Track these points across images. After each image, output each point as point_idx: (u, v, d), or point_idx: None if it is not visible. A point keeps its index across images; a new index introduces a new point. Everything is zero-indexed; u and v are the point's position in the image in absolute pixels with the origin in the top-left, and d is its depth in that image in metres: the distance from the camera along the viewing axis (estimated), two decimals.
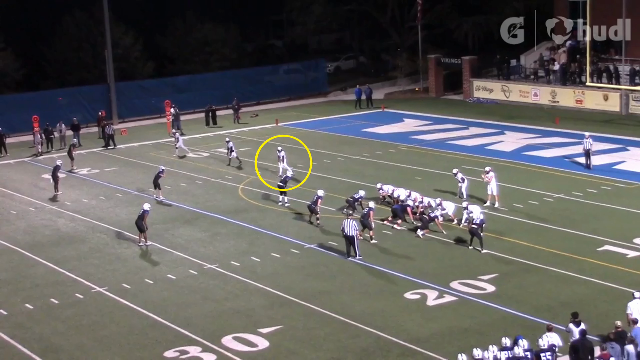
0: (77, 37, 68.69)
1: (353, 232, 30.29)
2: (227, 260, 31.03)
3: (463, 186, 37.05)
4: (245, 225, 35.35)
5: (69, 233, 35.63)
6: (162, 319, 26.12)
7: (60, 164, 42.27)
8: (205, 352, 23.79)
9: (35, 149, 51.77)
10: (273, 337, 24.47)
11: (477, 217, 31.59)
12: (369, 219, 32.18)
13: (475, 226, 31.13)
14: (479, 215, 31.70)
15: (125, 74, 66.30)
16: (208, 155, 48.32)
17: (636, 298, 22.50)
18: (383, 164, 44.64)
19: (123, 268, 30.98)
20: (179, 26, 73.66)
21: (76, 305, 27.68)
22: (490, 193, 36.41)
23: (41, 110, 55.71)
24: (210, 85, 65.45)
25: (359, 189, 36.52)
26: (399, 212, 34.01)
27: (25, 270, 31.33)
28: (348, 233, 30.34)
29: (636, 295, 22.59)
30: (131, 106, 62.58)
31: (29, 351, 24.38)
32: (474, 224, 31.30)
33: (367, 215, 32.26)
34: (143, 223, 33.03)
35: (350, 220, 30.53)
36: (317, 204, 34.72)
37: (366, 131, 54.22)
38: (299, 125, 57.35)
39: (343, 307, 26.33)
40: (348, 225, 30.32)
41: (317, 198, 34.86)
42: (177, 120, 56.20)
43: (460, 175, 37.43)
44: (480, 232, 31.00)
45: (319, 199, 34.79)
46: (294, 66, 72.70)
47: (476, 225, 31.14)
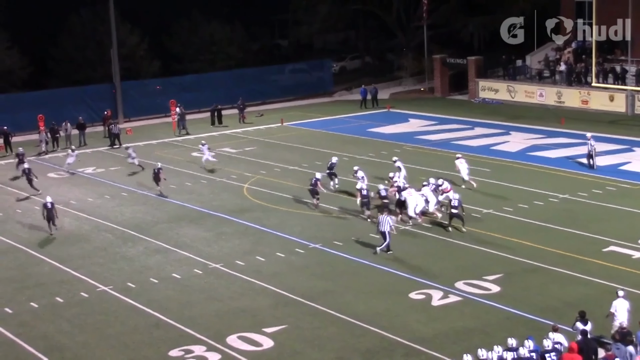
0: (83, 36, 68.82)
1: (387, 227, 30.76)
2: (232, 260, 31.03)
3: (401, 175, 37.40)
4: (250, 224, 35.36)
5: (74, 232, 35.65)
6: (166, 318, 26.14)
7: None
8: (210, 351, 23.79)
9: (40, 147, 51.81)
10: (278, 337, 24.47)
11: (453, 199, 33.00)
12: (317, 188, 36.37)
13: (455, 210, 32.70)
14: (454, 196, 33.13)
15: (130, 73, 66.34)
16: (213, 154, 48.29)
17: (620, 297, 22.60)
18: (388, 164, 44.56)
19: (128, 267, 31.01)
20: (184, 25, 73.75)
21: (81, 304, 27.71)
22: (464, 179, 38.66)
23: (47, 109, 55.81)
24: (215, 85, 65.47)
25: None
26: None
27: (30, 268, 31.37)
28: (382, 229, 30.78)
29: (620, 294, 22.71)
30: (137, 105, 62.63)
31: (33, 349, 24.40)
32: (453, 207, 32.69)
33: (315, 184, 36.33)
34: None
35: (386, 216, 31.11)
36: (317, 186, 36.54)
37: (371, 131, 54.21)
38: (304, 125, 57.35)
39: (348, 307, 26.32)
40: (383, 221, 30.80)
41: (315, 181, 36.70)
42: (182, 120, 56.20)
43: (398, 163, 38.57)
44: (461, 212, 32.80)
45: (317, 182, 36.67)
46: (300, 66, 72.71)
47: (455, 209, 32.69)
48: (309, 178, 37.76)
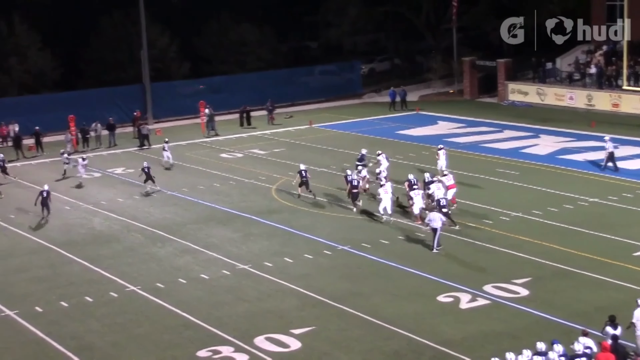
0: (114, 38, 69.28)
1: (438, 224, 31.18)
2: (260, 261, 31.12)
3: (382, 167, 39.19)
4: (278, 226, 35.43)
5: (104, 232, 35.91)
6: (195, 318, 26.24)
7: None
8: (237, 352, 23.85)
9: (68, 147, 51.90)
10: (305, 338, 24.49)
11: (437, 196, 33.87)
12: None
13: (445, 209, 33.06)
14: (439, 195, 33.98)
15: (160, 74, 66.69)
16: (242, 156, 48.43)
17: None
18: (416, 166, 44.50)
19: (157, 267, 31.18)
20: (214, 27, 74.00)
21: (110, 303, 27.89)
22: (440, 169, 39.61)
23: (78, 110, 56.21)
24: (245, 86, 65.66)
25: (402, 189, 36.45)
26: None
27: (61, 268, 31.63)
28: (433, 225, 31.18)
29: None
30: (166, 106, 62.93)
31: (63, 348, 24.59)
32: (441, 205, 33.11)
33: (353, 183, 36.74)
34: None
35: (436, 213, 31.61)
36: (306, 177, 38.44)
37: (400, 133, 54.14)
38: (333, 127, 57.38)
39: (375, 309, 26.31)
40: (434, 217, 31.28)
41: (303, 172, 38.47)
42: (211, 121, 56.41)
43: (381, 156, 40.31)
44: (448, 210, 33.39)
45: (305, 172, 38.51)
46: (329, 67, 72.77)
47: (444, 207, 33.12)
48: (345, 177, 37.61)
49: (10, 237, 35.70)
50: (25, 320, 26.64)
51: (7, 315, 27.17)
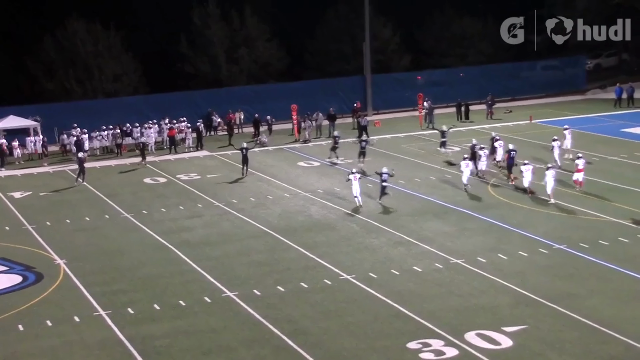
0: (338, 30, 70.60)
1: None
2: (473, 256, 30.89)
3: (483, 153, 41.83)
4: (493, 221, 35.03)
5: (321, 220, 36.71)
6: (406, 310, 26.39)
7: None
8: (447, 346, 23.79)
9: (302, 135, 53.53)
10: (517, 337, 24.12)
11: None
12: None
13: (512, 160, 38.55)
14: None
15: (382, 66, 67.33)
16: (459, 150, 48.15)
17: None
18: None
19: (371, 257, 31.56)
20: (437, 20, 73.89)
21: (325, 290, 28.49)
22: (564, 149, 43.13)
23: (300, 100, 57.74)
24: (464, 80, 65.25)
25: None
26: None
27: (279, 253, 32.60)
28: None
29: None
30: (386, 98, 63.53)
31: (279, 332, 25.32)
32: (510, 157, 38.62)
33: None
34: None
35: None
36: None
37: (625, 131, 52.17)
38: (554, 122, 55.99)
39: (592, 312, 25.52)
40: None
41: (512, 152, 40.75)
42: (430, 114, 56.46)
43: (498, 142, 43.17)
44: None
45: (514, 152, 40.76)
46: (552, 62, 71.14)
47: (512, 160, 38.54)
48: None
49: (232, 222, 37.16)
50: (244, 302, 27.62)
51: (228, 296, 28.29)
